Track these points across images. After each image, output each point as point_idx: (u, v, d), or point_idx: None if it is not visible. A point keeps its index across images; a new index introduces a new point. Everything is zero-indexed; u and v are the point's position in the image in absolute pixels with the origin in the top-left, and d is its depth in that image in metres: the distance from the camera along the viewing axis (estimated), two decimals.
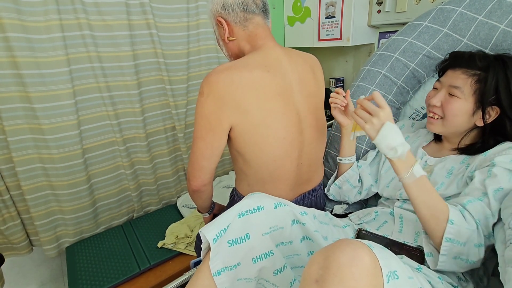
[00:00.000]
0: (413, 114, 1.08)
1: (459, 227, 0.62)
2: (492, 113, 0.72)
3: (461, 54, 0.78)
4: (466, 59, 0.75)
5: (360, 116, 0.66)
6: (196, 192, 0.86)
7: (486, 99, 0.70)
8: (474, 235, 0.62)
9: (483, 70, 0.72)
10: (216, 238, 0.63)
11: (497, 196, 0.65)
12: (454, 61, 0.78)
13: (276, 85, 0.76)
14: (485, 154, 0.71)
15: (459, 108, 0.73)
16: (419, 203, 0.65)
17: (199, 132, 0.76)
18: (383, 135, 0.62)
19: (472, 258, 0.62)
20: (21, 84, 1.15)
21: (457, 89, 0.73)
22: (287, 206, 0.70)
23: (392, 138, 0.62)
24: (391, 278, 0.44)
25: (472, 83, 0.72)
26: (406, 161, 0.64)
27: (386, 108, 0.64)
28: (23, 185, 1.23)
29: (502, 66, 0.71)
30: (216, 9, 0.80)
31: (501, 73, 0.70)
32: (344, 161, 0.93)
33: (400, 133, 0.63)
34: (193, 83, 1.61)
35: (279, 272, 0.65)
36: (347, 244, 0.45)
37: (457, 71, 0.75)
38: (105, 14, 1.26)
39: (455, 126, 0.76)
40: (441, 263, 0.63)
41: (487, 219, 0.64)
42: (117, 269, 1.20)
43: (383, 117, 0.63)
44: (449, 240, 0.62)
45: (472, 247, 0.62)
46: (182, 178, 1.77)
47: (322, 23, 1.58)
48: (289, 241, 0.69)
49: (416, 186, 0.64)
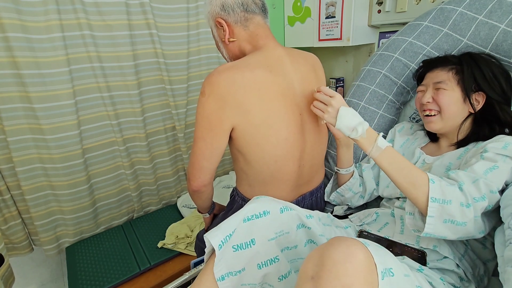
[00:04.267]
0: (413, 114, 1.08)
1: (440, 184, 0.62)
2: (479, 98, 0.76)
3: (433, 58, 0.87)
4: (439, 60, 0.83)
5: (317, 108, 0.74)
6: (196, 193, 0.85)
7: (469, 86, 0.75)
8: (458, 193, 0.61)
9: (457, 64, 0.79)
10: (222, 244, 0.62)
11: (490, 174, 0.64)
12: (429, 65, 0.85)
13: (278, 85, 0.76)
14: (479, 144, 0.73)
15: (450, 97, 0.77)
16: (393, 173, 0.67)
17: (199, 132, 0.75)
18: (341, 119, 0.70)
19: (460, 219, 0.60)
20: (21, 84, 1.15)
21: (442, 83, 0.78)
22: (293, 210, 0.69)
23: (350, 119, 0.69)
24: (386, 275, 0.44)
25: (453, 75, 0.78)
26: (369, 137, 0.70)
27: (336, 96, 0.72)
28: (23, 185, 1.23)
29: (471, 59, 0.78)
30: (215, 11, 0.79)
31: (473, 62, 0.77)
32: (342, 171, 0.93)
33: (356, 114, 0.70)
34: (193, 83, 1.61)
35: (284, 277, 0.65)
36: (342, 241, 0.46)
37: (435, 71, 0.82)
38: (105, 14, 1.26)
39: (452, 117, 0.78)
40: (429, 225, 0.61)
41: (476, 181, 0.63)
42: (117, 269, 1.20)
43: (336, 104, 0.71)
44: (434, 200, 0.60)
45: (459, 206, 0.60)
46: (182, 178, 1.77)
47: (322, 23, 1.58)
48: (294, 246, 0.69)
49: (385, 158, 0.68)
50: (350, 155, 0.91)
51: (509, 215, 0.59)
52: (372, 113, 1.04)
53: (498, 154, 0.66)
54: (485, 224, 0.64)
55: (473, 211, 0.60)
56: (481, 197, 0.61)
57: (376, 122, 1.04)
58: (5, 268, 1.09)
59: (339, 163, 0.93)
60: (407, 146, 0.93)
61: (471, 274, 0.68)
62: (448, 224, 0.60)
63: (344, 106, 0.70)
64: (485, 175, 0.64)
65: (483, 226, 0.63)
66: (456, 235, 0.62)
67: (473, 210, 0.60)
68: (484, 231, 0.63)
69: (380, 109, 1.04)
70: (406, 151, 0.92)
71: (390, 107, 1.04)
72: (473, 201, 0.61)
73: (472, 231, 0.61)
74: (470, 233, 0.62)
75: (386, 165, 0.67)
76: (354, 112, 0.70)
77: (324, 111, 0.72)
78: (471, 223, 0.60)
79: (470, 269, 0.69)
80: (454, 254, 0.69)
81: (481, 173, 0.64)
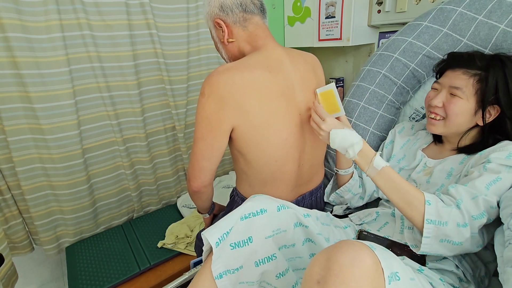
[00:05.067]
0: (413, 114, 1.08)
1: (436, 206, 0.62)
2: (493, 112, 0.72)
3: (459, 54, 0.78)
4: (465, 59, 0.75)
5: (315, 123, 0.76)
6: (196, 193, 0.85)
7: (487, 99, 0.70)
8: (455, 213, 0.61)
9: (483, 69, 0.71)
10: (219, 242, 0.62)
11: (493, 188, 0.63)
12: (453, 62, 0.77)
13: (278, 86, 0.76)
14: (482, 153, 0.71)
15: (462, 108, 0.73)
16: (389, 193, 0.67)
17: (199, 133, 0.75)
18: (333, 142, 0.72)
19: (456, 239, 0.61)
20: (21, 84, 1.15)
21: (459, 89, 0.72)
22: (290, 209, 0.70)
23: (341, 143, 0.71)
24: (392, 280, 0.44)
25: (474, 83, 0.71)
26: (365, 157, 0.70)
27: (327, 120, 0.74)
28: (23, 185, 1.24)
29: (500, 65, 0.70)
30: (214, 11, 0.79)
31: (500, 72, 0.70)
32: (341, 172, 0.93)
33: (348, 136, 0.71)
34: (193, 83, 1.61)
35: (281, 275, 0.65)
36: (349, 245, 0.45)
37: (457, 71, 0.75)
38: (105, 14, 1.26)
39: (456, 126, 0.75)
40: (424, 245, 0.63)
41: (475, 198, 0.62)
42: (117, 269, 1.20)
43: (326, 128, 0.73)
44: (430, 222, 0.61)
45: (455, 227, 0.61)
46: (182, 178, 1.77)
47: (322, 23, 1.58)
48: (291, 244, 0.69)
49: (381, 178, 0.68)
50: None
51: (509, 215, 0.59)
52: (372, 113, 1.04)
53: (502, 165, 0.65)
54: (484, 236, 0.65)
55: (470, 230, 0.61)
56: (480, 214, 0.62)
57: (376, 122, 1.04)
58: (8, 266, 1.10)
59: (338, 164, 0.93)
60: (408, 147, 0.91)
61: (470, 275, 0.68)
62: (445, 243, 0.62)
63: (335, 129, 0.72)
64: (487, 190, 0.63)
65: (480, 240, 0.64)
66: (452, 253, 0.64)
67: (469, 229, 0.61)
68: (482, 244, 0.64)
69: (379, 109, 1.04)
70: (407, 153, 0.91)
71: (389, 107, 1.04)
72: (470, 220, 0.62)
73: (469, 247, 0.63)
74: (467, 249, 0.63)
75: (382, 185, 0.69)
76: (345, 134, 0.71)
77: (318, 131, 0.76)
78: (468, 242, 0.62)
79: (470, 270, 0.69)
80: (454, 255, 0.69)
81: (482, 188, 0.63)
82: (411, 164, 0.86)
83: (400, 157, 0.91)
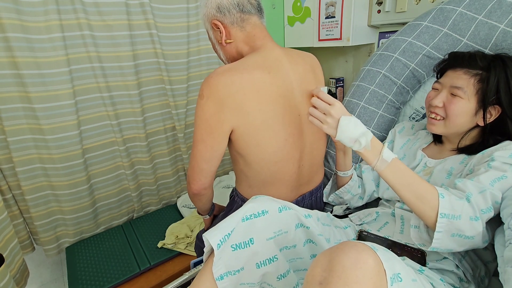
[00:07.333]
0: (413, 114, 1.08)
1: (450, 199, 0.60)
2: (494, 112, 0.71)
3: (461, 54, 0.77)
4: (466, 59, 0.74)
5: (315, 117, 0.67)
6: (197, 196, 0.85)
7: (488, 99, 0.69)
8: (466, 206, 0.60)
9: (484, 69, 0.71)
10: (220, 243, 0.62)
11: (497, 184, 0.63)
12: (455, 61, 0.77)
13: (277, 87, 0.75)
14: (484, 152, 0.70)
15: (462, 108, 0.72)
16: (400, 188, 0.63)
17: (199, 135, 0.75)
18: (342, 130, 0.63)
19: (469, 233, 0.59)
20: (21, 84, 1.15)
21: (460, 89, 0.72)
22: (291, 210, 0.69)
23: (352, 131, 0.63)
24: (395, 281, 0.44)
25: (475, 83, 0.71)
26: (373, 149, 0.64)
27: (336, 104, 0.64)
28: (23, 185, 1.24)
29: (502, 65, 0.70)
30: (211, 13, 0.78)
31: (502, 72, 0.69)
32: (340, 174, 0.92)
33: (358, 124, 0.64)
34: (193, 83, 1.61)
35: (282, 277, 0.65)
36: (351, 247, 0.45)
37: (458, 71, 0.74)
38: (105, 14, 1.26)
39: (456, 126, 0.75)
40: (436, 240, 0.60)
41: (483, 192, 0.62)
42: (117, 269, 1.20)
43: (335, 114, 0.64)
44: (443, 216, 0.59)
45: (468, 220, 0.59)
46: (182, 178, 1.77)
47: (322, 23, 1.58)
48: (292, 245, 0.68)
49: (391, 171, 0.63)
50: (348, 159, 0.90)
51: (509, 215, 0.59)
52: (372, 113, 1.04)
53: (506, 164, 0.64)
54: (488, 232, 0.64)
55: (482, 224, 0.60)
56: (488, 208, 0.61)
57: (376, 122, 1.04)
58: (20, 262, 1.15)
59: (338, 166, 0.92)
60: (408, 147, 0.91)
61: (470, 275, 0.68)
62: (456, 237, 0.60)
63: (345, 116, 0.64)
64: (492, 185, 0.63)
65: (487, 235, 0.63)
66: (462, 247, 0.62)
67: (481, 223, 0.60)
68: (488, 240, 0.63)
69: (379, 109, 1.04)
70: (407, 153, 0.90)
71: (389, 107, 1.04)
72: (480, 213, 0.60)
73: (479, 242, 0.61)
74: (476, 244, 0.62)
75: (392, 178, 0.64)
76: (356, 122, 0.64)
77: (322, 121, 0.66)
78: (479, 236, 0.60)
79: (470, 270, 0.69)
80: (454, 255, 0.68)
81: (487, 184, 0.63)
82: (411, 164, 0.86)
83: (400, 157, 0.91)
